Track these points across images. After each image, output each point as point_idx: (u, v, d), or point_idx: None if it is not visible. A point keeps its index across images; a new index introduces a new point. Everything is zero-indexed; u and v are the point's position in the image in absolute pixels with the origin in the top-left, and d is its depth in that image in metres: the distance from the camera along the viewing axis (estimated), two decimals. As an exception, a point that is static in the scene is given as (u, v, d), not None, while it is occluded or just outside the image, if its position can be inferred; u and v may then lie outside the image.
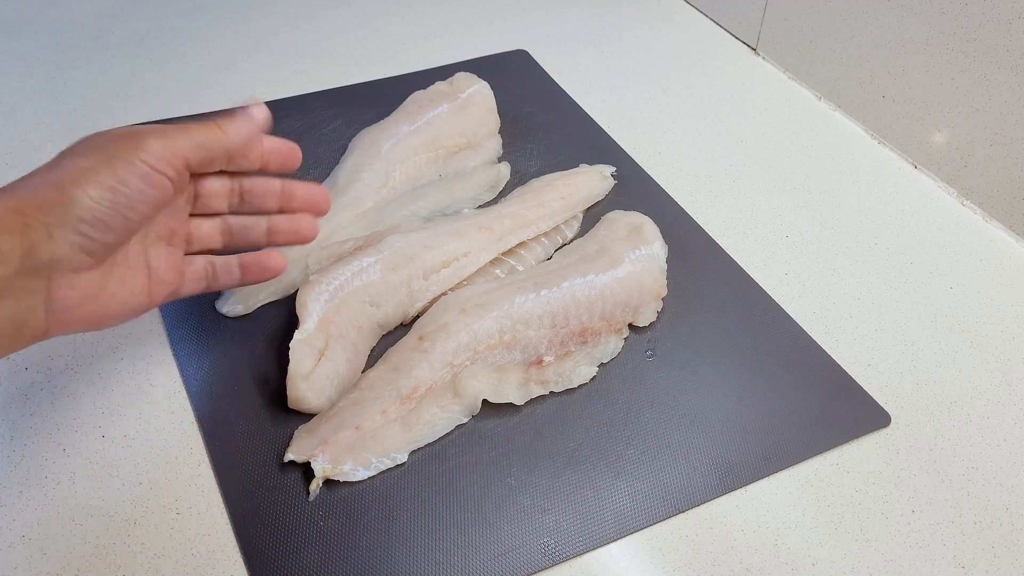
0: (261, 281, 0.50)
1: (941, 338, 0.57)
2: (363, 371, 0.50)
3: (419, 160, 0.64)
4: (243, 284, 0.49)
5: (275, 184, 0.48)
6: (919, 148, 0.70)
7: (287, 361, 0.47)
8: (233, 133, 0.44)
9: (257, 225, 0.48)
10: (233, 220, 0.48)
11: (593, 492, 0.46)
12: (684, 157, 0.70)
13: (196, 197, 0.46)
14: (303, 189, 0.49)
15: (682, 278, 0.58)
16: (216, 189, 0.47)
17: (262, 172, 0.47)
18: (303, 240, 0.49)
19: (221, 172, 0.47)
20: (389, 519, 0.44)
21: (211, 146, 0.43)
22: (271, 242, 0.49)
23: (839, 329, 0.57)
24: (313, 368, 0.47)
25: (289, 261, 0.56)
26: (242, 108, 0.45)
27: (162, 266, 0.44)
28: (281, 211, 0.49)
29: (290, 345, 0.47)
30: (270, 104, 0.73)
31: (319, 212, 0.50)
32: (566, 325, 0.52)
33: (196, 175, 0.45)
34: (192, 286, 0.47)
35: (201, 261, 0.47)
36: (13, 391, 0.49)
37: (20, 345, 0.38)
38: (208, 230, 0.47)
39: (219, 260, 0.48)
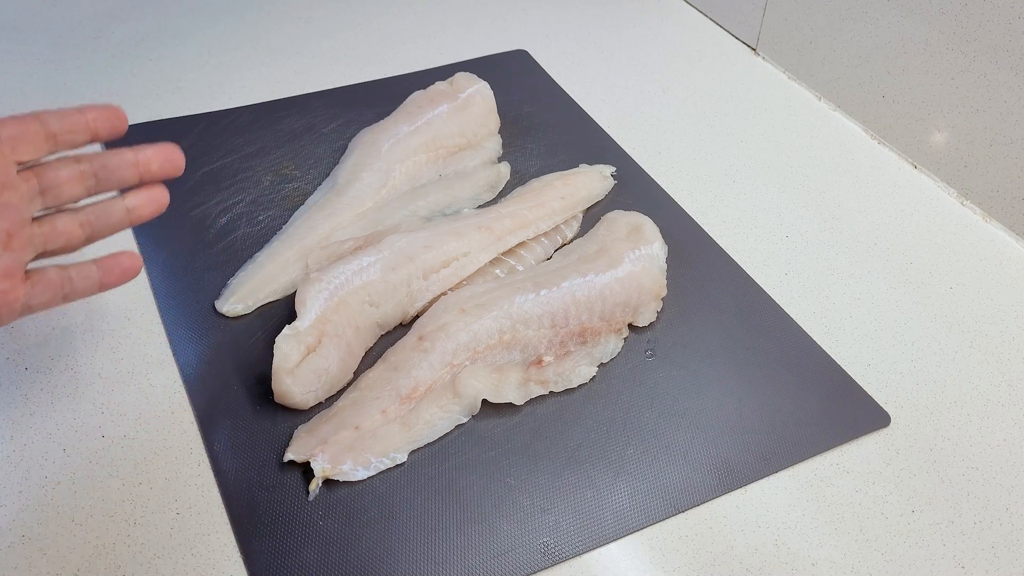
0: (123, 283, 0.46)
1: (941, 338, 0.57)
2: (362, 371, 0.50)
3: (419, 160, 0.64)
4: (103, 289, 0.46)
5: (127, 154, 0.45)
6: (919, 148, 0.70)
7: (281, 359, 0.47)
8: None
9: (115, 208, 0.45)
10: (90, 209, 0.44)
11: (593, 492, 0.46)
12: (684, 157, 0.70)
13: (44, 191, 0.42)
14: (155, 151, 0.45)
15: (682, 278, 0.58)
16: (65, 176, 0.43)
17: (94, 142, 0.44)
18: (162, 207, 0.47)
19: (67, 157, 0.43)
20: (389, 519, 0.44)
21: None
22: (133, 221, 0.46)
23: (839, 329, 0.57)
24: (299, 363, 0.47)
25: (289, 261, 0.56)
26: None
27: None
28: (140, 180, 0.45)
29: (276, 340, 0.47)
30: (270, 104, 0.74)
31: (177, 171, 0.47)
32: (566, 325, 0.52)
33: (28, 167, 0.42)
34: (44, 297, 0.43)
35: (53, 270, 0.43)
36: (13, 391, 0.49)
37: None
38: (65, 226, 0.44)
39: (74, 268, 0.44)
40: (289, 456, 0.45)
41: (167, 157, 0.46)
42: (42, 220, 0.43)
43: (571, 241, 0.60)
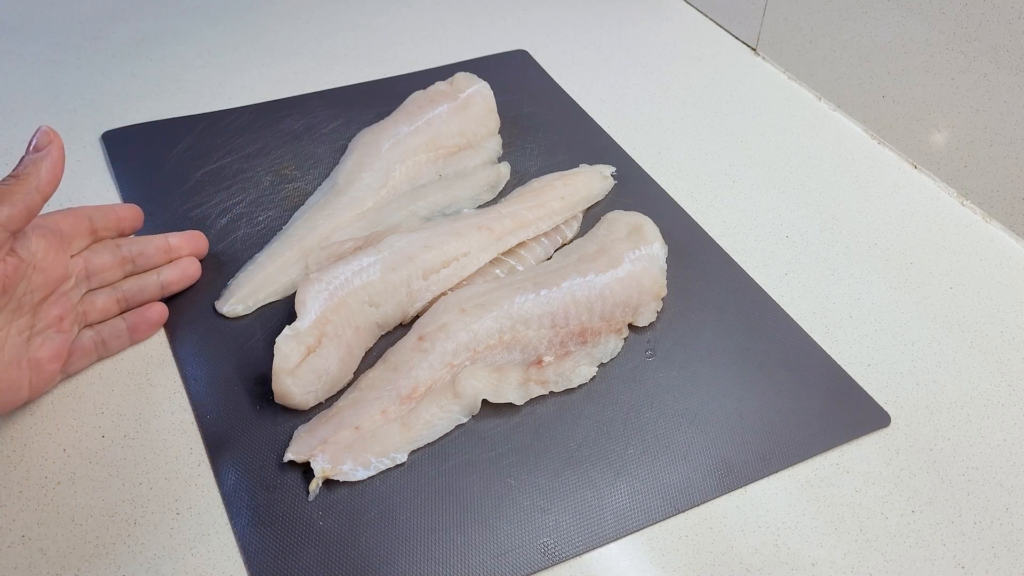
0: (153, 333, 0.52)
1: (941, 338, 0.57)
2: (362, 371, 0.50)
3: (419, 160, 0.64)
4: (134, 344, 0.51)
5: (158, 240, 0.52)
6: (919, 148, 0.70)
7: (281, 359, 0.47)
8: (32, 176, 0.43)
9: (149, 283, 0.52)
10: (126, 287, 0.51)
11: (593, 492, 0.46)
12: (684, 157, 0.70)
13: (89, 275, 0.49)
14: (182, 239, 0.54)
15: (682, 278, 0.58)
16: (108, 263, 0.50)
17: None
18: (193, 280, 0.54)
19: (107, 243, 0.50)
20: (389, 519, 0.44)
21: (15, 201, 0.41)
22: (164, 293, 0.53)
23: (839, 329, 0.57)
24: (299, 363, 0.47)
25: (289, 261, 0.56)
26: (32, 148, 0.44)
27: (46, 357, 0.45)
28: (169, 260, 0.53)
29: (276, 340, 0.47)
30: (270, 104, 0.74)
31: (201, 253, 0.55)
32: (566, 325, 0.52)
33: (80, 254, 0.48)
34: (81, 364, 0.49)
35: (88, 335, 0.49)
36: (13, 391, 0.49)
37: None
38: (103, 303, 0.50)
39: (106, 329, 0.50)
40: (289, 456, 0.45)
41: (194, 245, 0.54)
42: (84, 298, 0.49)
43: (571, 241, 0.60)
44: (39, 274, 0.45)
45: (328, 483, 0.45)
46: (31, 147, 0.44)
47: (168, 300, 0.54)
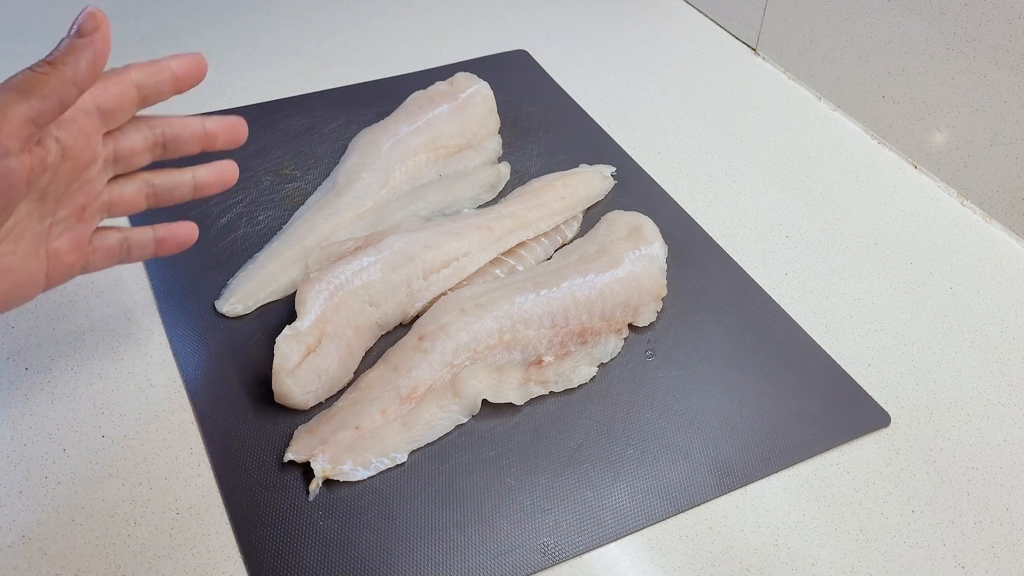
0: (176, 252, 0.48)
1: (941, 338, 0.57)
2: (362, 371, 0.50)
3: (419, 160, 0.64)
4: (156, 256, 0.47)
5: (194, 125, 0.45)
6: (919, 148, 0.70)
7: (281, 359, 0.47)
8: (70, 66, 0.37)
9: (182, 182, 0.46)
10: (157, 181, 0.45)
11: (593, 492, 0.46)
12: (684, 157, 0.70)
13: (116, 159, 0.43)
14: (220, 125, 0.46)
15: (682, 278, 0.58)
16: (138, 145, 0.43)
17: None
18: (228, 184, 0.48)
19: (138, 121, 0.43)
20: (389, 519, 0.44)
21: (47, 93, 0.36)
22: (197, 195, 0.47)
23: (839, 329, 0.57)
24: (299, 363, 0.47)
25: (289, 261, 0.56)
26: (75, 32, 0.38)
27: (64, 248, 0.41)
28: (203, 151, 0.46)
29: (276, 340, 0.47)
30: (270, 104, 0.74)
31: (239, 142, 0.47)
32: (566, 325, 0.52)
33: (109, 133, 0.42)
34: (103, 262, 0.44)
35: (115, 236, 0.45)
36: (13, 391, 0.49)
37: None
38: (132, 195, 0.44)
39: (133, 235, 0.45)
40: (289, 456, 0.45)
41: (232, 134, 0.46)
42: (111, 185, 0.43)
43: (571, 241, 0.60)
44: (67, 163, 0.40)
45: (328, 483, 0.45)
46: (73, 29, 0.38)
47: (168, 300, 0.54)
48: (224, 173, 0.47)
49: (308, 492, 0.45)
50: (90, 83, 0.38)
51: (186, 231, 0.48)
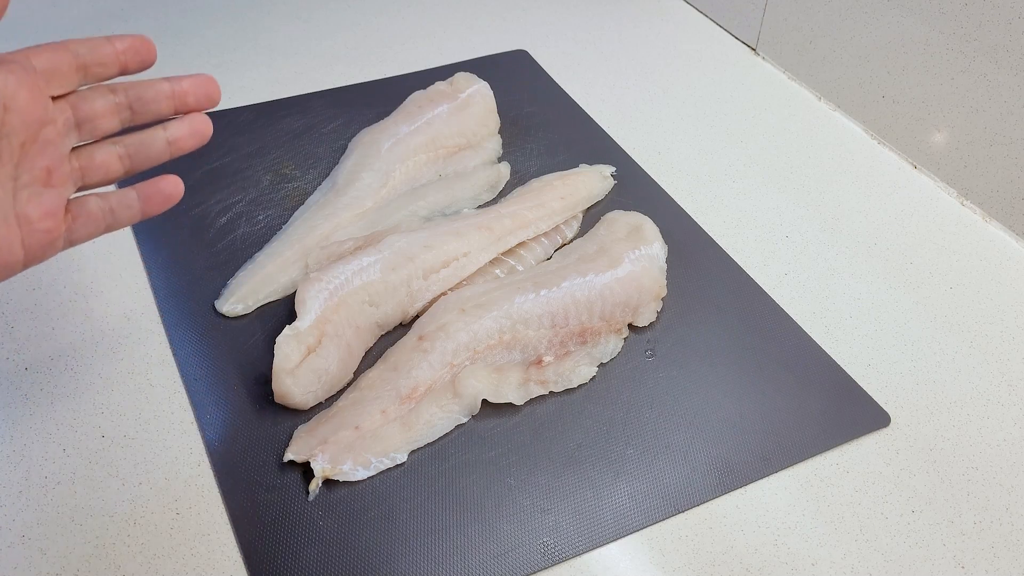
0: (164, 210, 0.46)
1: (941, 338, 0.57)
2: (362, 371, 0.50)
3: (419, 160, 0.64)
4: (145, 217, 0.45)
5: (163, 85, 0.44)
6: (919, 148, 0.70)
7: (281, 359, 0.47)
8: None
9: (155, 138, 0.44)
10: (128, 140, 0.44)
11: (592, 492, 0.46)
12: (684, 157, 0.70)
13: (79, 124, 0.41)
14: (192, 82, 0.44)
15: (682, 278, 0.58)
16: (100, 108, 0.42)
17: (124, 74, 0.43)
18: (204, 137, 0.46)
19: (100, 87, 0.42)
20: (389, 519, 0.44)
21: None
22: (173, 152, 0.45)
23: (839, 329, 0.57)
24: (299, 363, 0.47)
25: (289, 261, 0.56)
26: None
27: (36, 214, 0.39)
28: (176, 112, 0.44)
29: (276, 340, 0.47)
30: (270, 104, 0.74)
31: (213, 102, 0.46)
32: (566, 325, 0.52)
33: (59, 97, 0.40)
34: (87, 230, 0.43)
35: (95, 202, 0.43)
36: (13, 391, 0.49)
37: None
38: (104, 158, 0.43)
39: (116, 197, 0.43)
40: (289, 456, 0.45)
41: (204, 90, 0.45)
42: (79, 152, 0.42)
43: (571, 241, 0.60)
44: (12, 115, 0.38)
45: (328, 483, 0.45)
46: None
47: (168, 300, 0.54)
48: (197, 126, 0.45)
49: (308, 492, 0.45)
50: (91, 65, 0.39)
51: (171, 184, 0.45)
